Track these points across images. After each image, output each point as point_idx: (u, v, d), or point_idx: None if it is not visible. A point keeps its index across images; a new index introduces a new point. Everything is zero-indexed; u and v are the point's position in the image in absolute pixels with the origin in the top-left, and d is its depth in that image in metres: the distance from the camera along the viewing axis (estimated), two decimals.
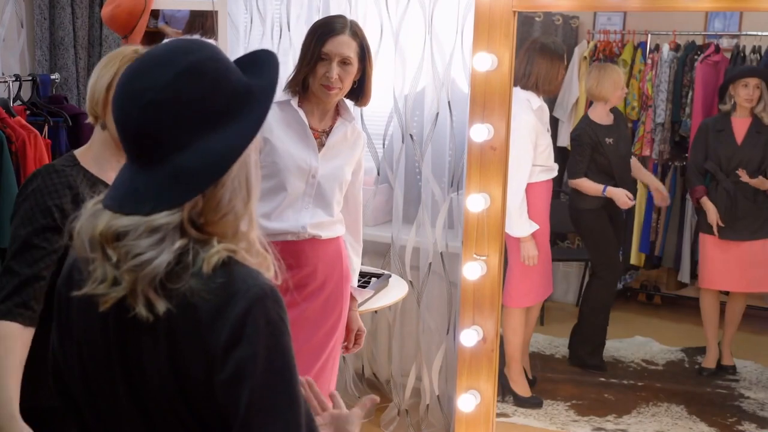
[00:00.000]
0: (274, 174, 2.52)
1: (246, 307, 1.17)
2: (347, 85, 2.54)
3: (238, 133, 1.19)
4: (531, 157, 3.40)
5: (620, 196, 3.64)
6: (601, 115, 3.65)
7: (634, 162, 3.75)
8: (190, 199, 1.17)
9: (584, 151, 3.66)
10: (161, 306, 1.16)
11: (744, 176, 3.54)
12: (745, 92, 3.52)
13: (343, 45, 2.50)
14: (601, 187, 3.63)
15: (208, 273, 1.17)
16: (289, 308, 2.56)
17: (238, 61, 1.29)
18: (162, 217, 1.16)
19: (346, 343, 2.76)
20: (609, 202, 3.69)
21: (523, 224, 3.42)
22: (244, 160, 1.22)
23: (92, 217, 1.20)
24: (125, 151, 1.23)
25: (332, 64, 2.49)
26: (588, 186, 3.65)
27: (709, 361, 3.66)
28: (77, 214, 1.23)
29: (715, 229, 3.58)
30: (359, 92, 2.61)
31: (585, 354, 3.80)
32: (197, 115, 1.18)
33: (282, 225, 2.54)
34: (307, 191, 2.56)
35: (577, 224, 3.84)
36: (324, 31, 2.52)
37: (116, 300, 1.18)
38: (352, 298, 2.76)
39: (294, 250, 2.54)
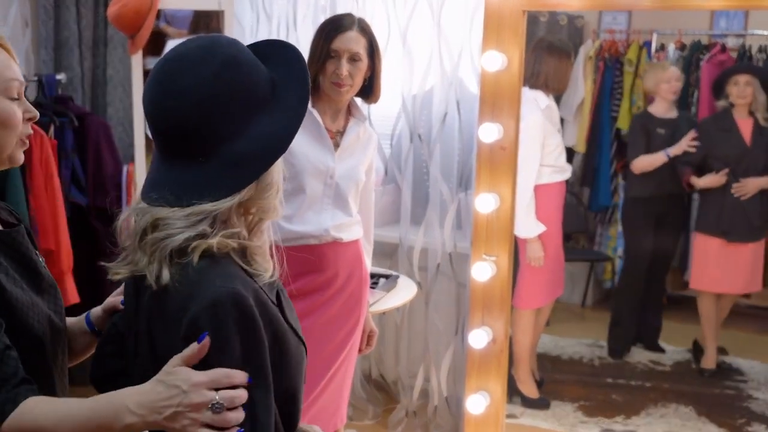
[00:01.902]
0: (292, 176, 2.50)
1: (201, 308, 1.20)
2: (358, 82, 2.54)
3: (285, 114, 1.27)
4: (539, 157, 3.39)
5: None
6: (659, 109, 3.69)
7: None
8: (252, 181, 1.25)
9: (637, 135, 3.72)
10: (166, 276, 1.22)
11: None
12: (736, 90, 3.52)
13: (352, 41, 2.51)
14: (659, 155, 3.66)
15: (193, 262, 1.22)
16: (309, 313, 2.57)
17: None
18: (220, 204, 1.23)
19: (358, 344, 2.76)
20: (662, 201, 3.73)
21: (530, 225, 3.41)
22: None
23: (141, 213, 1.25)
24: (168, 148, 1.27)
25: (341, 61, 2.49)
26: (647, 161, 3.68)
27: (708, 362, 3.66)
28: (121, 210, 1.31)
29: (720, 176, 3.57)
30: (369, 89, 2.61)
31: (616, 347, 3.84)
32: (243, 103, 1.24)
33: (304, 228, 2.53)
34: (325, 192, 2.55)
35: (622, 214, 3.90)
36: (332, 28, 2.52)
37: (130, 274, 1.27)
38: None
39: (317, 254, 2.54)
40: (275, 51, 1.34)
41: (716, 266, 3.67)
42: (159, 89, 1.24)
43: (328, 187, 2.55)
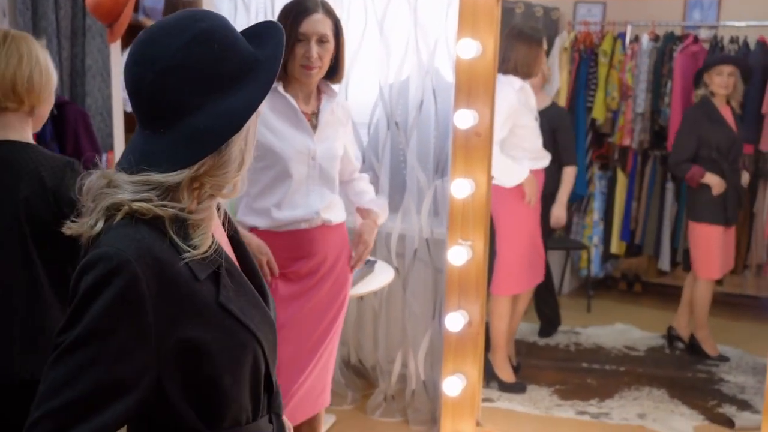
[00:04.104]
0: (275, 162, 2.53)
1: (84, 264, 1.20)
2: (326, 63, 2.55)
3: (248, 95, 1.24)
4: (500, 127, 3.35)
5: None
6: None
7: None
8: (205, 156, 1.22)
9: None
10: (99, 227, 1.22)
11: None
12: (719, 80, 3.58)
13: (319, 23, 2.52)
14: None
15: (115, 219, 1.22)
16: (299, 296, 2.61)
17: (243, 33, 1.34)
18: (171, 176, 1.21)
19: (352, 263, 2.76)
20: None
21: (513, 169, 3.44)
22: (247, 126, 1.27)
23: (102, 177, 1.25)
24: (137, 117, 1.28)
25: (311, 44, 2.49)
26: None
27: (712, 348, 3.73)
28: (89, 173, 1.28)
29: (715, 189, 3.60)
30: (335, 69, 2.63)
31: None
32: (208, 79, 1.23)
33: (294, 213, 2.56)
34: (310, 174, 2.58)
35: None
36: (298, 11, 2.52)
37: (79, 231, 1.25)
38: (370, 212, 2.80)
39: (307, 239, 2.59)
40: (265, 31, 1.35)
41: (722, 252, 3.73)
42: (131, 57, 1.25)
43: (312, 169, 2.58)
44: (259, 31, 1.35)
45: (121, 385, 1.16)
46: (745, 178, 3.69)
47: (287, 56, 2.51)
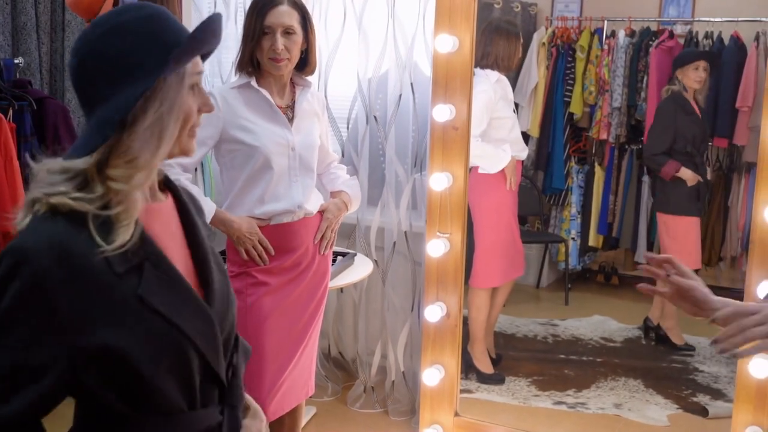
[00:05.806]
0: (255, 157, 2.54)
1: None
2: (295, 55, 2.56)
3: (137, 86, 1.25)
4: (479, 121, 3.41)
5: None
6: None
7: None
8: (100, 144, 1.24)
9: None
10: (27, 219, 1.24)
11: None
12: (695, 75, 3.62)
13: (284, 15, 2.52)
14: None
15: (38, 213, 1.24)
16: (282, 287, 2.64)
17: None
18: (79, 162, 1.25)
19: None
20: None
21: (496, 153, 3.48)
22: (160, 114, 1.27)
23: (35, 168, 1.28)
24: None
25: (276, 36, 2.50)
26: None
27: (679, 338, 3.77)
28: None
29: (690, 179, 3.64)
30: (305, 61, 2.64)
31: None
32: (120, 69, 1.26)
33: (277, 206, 2.58)
34: (291, 165, 2.60)
35: None
36: (264, 3, 2.53)
37: None
38: (341, 193, 2.82)
39: (291, 232, 2.61)
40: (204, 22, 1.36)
41: (696, 243, 3.76)
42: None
43: (292, 160, 2.60)
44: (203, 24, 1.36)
45: (29, 372, 1.20)
46: (708, 172, 3.74)
47: (255, 49, 2.53)
